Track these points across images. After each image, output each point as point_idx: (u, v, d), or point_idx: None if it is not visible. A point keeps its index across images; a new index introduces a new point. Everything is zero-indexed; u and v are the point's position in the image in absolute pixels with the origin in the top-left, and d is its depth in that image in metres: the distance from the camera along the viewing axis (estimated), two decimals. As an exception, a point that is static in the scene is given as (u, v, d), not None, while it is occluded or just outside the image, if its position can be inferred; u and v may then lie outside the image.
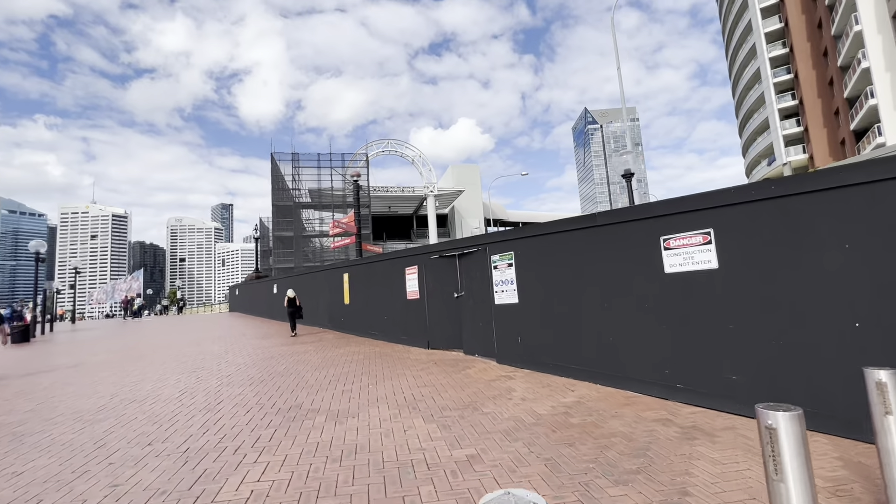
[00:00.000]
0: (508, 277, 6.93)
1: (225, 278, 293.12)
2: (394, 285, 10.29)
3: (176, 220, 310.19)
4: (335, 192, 27.47)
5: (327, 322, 14.41)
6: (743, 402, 4.09)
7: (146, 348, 11.24)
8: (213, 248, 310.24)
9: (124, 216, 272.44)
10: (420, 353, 8.48)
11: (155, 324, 23.10)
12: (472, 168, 38.83)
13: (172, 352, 10.17)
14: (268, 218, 42.48)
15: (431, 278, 9.02)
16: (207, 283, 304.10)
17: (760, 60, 41.98)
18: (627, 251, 5.14)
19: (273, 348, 9.95)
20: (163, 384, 6.34)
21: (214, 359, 8.68)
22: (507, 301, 6.96)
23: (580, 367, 5.68)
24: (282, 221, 28.92)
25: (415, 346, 9.31)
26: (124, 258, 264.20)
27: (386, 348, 9.33)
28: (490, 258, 7.33)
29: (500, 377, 5.99)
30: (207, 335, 14.08)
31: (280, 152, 27.84)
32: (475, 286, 7.80)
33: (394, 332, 10.29)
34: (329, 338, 11.74)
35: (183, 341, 12.49)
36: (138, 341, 13.37)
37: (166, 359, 9.03)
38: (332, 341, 10.88)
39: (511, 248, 6.90)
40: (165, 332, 16.49)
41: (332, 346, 9.86)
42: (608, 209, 5.87)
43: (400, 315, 10.07)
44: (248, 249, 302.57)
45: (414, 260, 9.59)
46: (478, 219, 36.26)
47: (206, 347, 10.62)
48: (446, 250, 8.64)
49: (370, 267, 11.58)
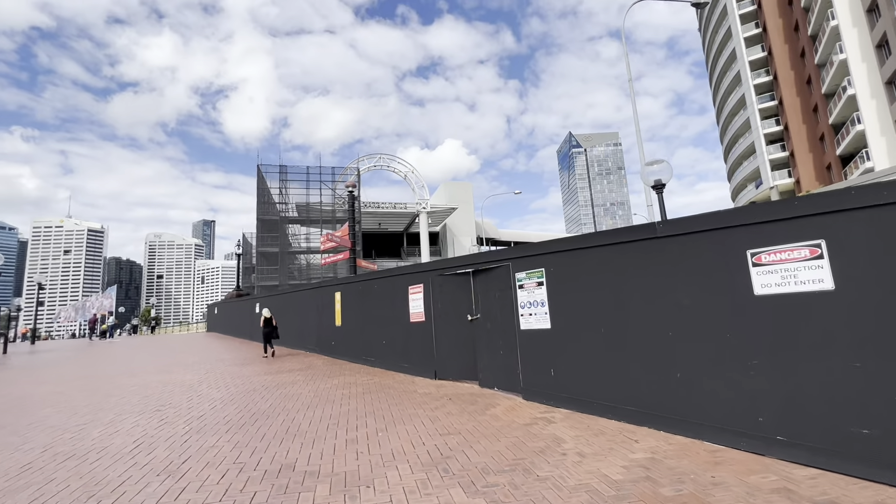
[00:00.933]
0: (538, 298, 5.95)
1: (204, 296, 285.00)
2: (394, 306, 9.20)
3: (155, 235, 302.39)
4: (324, 207, 26.32)
5: (315, 346, 13.13)
6: (883, 466, 3.13)
7: (105, 377, 9.81)
8: (192, 266, 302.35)
9: (101, 231, 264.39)
10: (427, 385, 7.35)
11: (123, 346, 21.29)
12: (464, 186, 38.23)
13: (136, 382, 8.80)
14: (251, 234, 40.91)
15: (440, 298, 7.98)
16: (185, 301, 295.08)
17: (745, 87, 43.01)
18: (701, 267, 4.23)
19: (255, 378, 8.69)
20: (115, 429, 5.08)
21: (185, 392, 7.38)
22: (536, 326, 5.95)
23: (637, 409, 4.67)
24: (267, 237, 27.51)
25: (420, 377, 8.18)
26: (98, 274, 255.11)
27: (386, 378, 8.17)
28: (514, 276, 6.35)
29: (537, 420, 4.93)
30: (180, 360, 12.63)
31: (267, 164, 26.77)
32: (494, 308, 6.79)
33: (394, 358, 9.15)
34: (318, 364, 10.49)
35: (151, 368, 11.06)
36: (99, 367, 11.85)
37: (127, 392, 7.69)
38: (322, 369, 9.66)
39: (541, 263, 5.94)
40: (132, 356, 14.91)
41: (324, 376, 8.65)
42: (670, 218, 5.00)
43: (401, 340, 8.94)
44: (229, 267, 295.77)
45: (419, 277, 8.55)
46: (470, 237, 35.41)
47: (176, 376, 9.27)
48: (458, 266, 7.63)
49: (366, 285, 10.47)
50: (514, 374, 6.28)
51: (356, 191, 29.33)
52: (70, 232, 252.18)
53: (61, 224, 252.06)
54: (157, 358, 13.70)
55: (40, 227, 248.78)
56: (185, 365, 11.32)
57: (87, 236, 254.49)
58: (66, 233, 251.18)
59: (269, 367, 10.35)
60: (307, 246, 28.04)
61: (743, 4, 43.26)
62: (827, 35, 31.22)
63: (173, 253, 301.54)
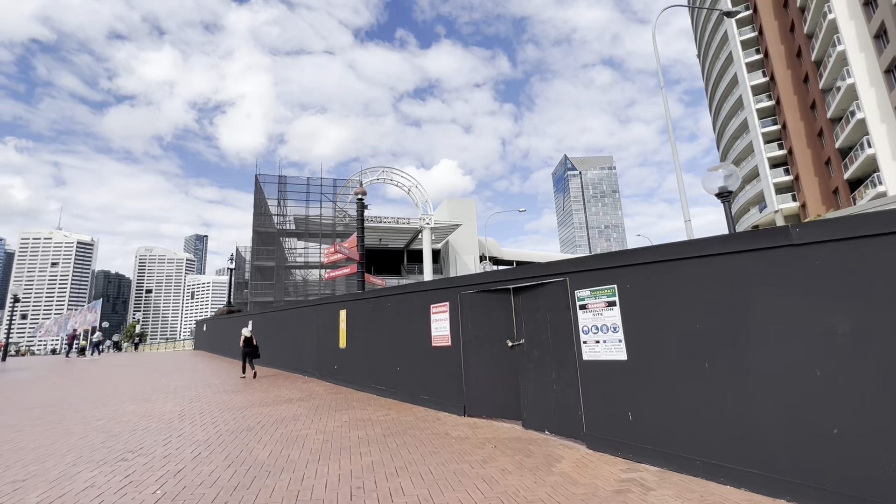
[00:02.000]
0: (608, 322, 4.82)
1: (194, 312, 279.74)
2: (412, 327, 8.00)
3: (146, 249, 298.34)
4: (324, 221, 25.08)
5: (315, 369, 11.79)
6: None
7: (71, 405, 8.42)
8: (182, 280, 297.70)
9: (90, 244, 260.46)
10: (458, 424, 6.11)
11: (101, 365, 19.67)
12: (467, 202, 37.27)
13: (106, 413, 7.44)
14: (245, 248, 39.57)
15: (471, 319, 6.81)
16: (174, 316, 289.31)
17: (748, 112, 43.13)
18: (868, 282, 3.13)
19: (249, 410, 7.37)
20: (62, 490, 3.79)
21: (162, 430, 6.06)
22: (605, 356, 4.80)
23: (767, 474, 3.49)
24: (262, 250, 26.19)
25: (444, 412, 6.93)
26: (86, 288, 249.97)
27: (404, 412, 6.90)
28: (573, 294, 5.22)
29: (625, 484, 3.73)
30: (161, 384, 11.22)
31: (265, 174, 25.62)
32: (544, 333, 5.63)
33: (410, 388, 7.88)
34: (320, 392, 9.18)
35: (127, 393, 9.66)
36: (67, 392, 10.41)
37: (92, 427, 6.35)
38: (325, 398, 8.35)
39: (613, 279, 4.83)
40: (109, 378, 13.43)
41: (330, 408, 7.36)
42: (817, 219, 3.95)
43: (421, 367, 7.71)
44: (220, 283, 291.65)
45: (444, 294, 7.39)
46: (473, 255, 34.24)
47: (155, 406, 7.91)
48: (496, 282, 6.49)
49: (378, 303, 9.26)
50: (574, 416, 5.09)
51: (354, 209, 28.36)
52: (59, 244, 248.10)
53: (50, 236, 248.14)
54: (137, 380, 12.24)
55: (28, 239, 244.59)
56: (166, 390, 9.93)
57: (76, 249, 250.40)
58: (54, 245, 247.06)
59: (264, 395, 9.01)
60: (305, 260, 26.72)
61: (744, 31, 43.79)
62: (833, 60, 31.26)
63: (164, 267, 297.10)
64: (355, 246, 10.96)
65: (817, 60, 34.71)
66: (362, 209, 10.93)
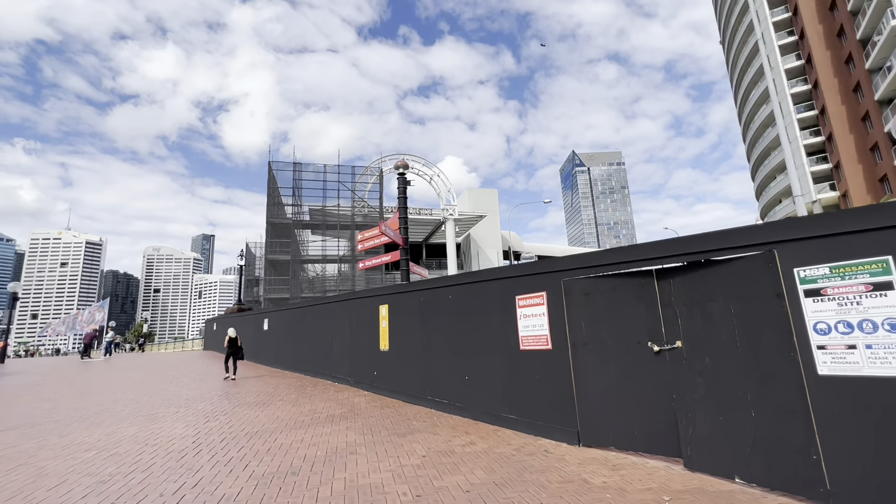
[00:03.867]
0: (872, 316, 3.03)
1: (202, 312, 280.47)
2: (487, 325, 6.25)
3: (153, 248, 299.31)
4: (342, 211, 23.29)
5: (348, 375, 10.09)
6: None
7: (58, 424, 6.75)
8: (190, 280, 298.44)
9: (99, 244, 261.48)
10: (581, 459, 4.35)
11: (106, 368, 18.13)
12: (489, 193, 35.26)
13: (98, 438, 5.75)
14: (255, 243, 38.03)
15: (584, 315, 5.03)
16: (182, 316, 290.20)
17: (781, 97, 40.86)
18: None
19: (284, 436, 5.65)
20: None
21: (171, 473, 4.35)
22: (870, 371, 3.01)
23: None
24: (276, 243, 24.51)
25: (546, 438, 5.17)
26: (95, 288, 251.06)
27: (492, 439, 5.15)
28: (790, 273, 3.43)
29: None
30: (170, 393, 9.57)
31: (278, 161, 23.85)
32: (725, 332, 3.85)
33: (486, 403, 6.12)
34: (363, 405, 7.45)
35: (128, 408, 7.99)
36: (58, 404, 8.77)
37: (75, 464, 4.65)
38: (375, 416, 6.63)
39: (879, 246, 3.04)
40: (111, 384, 11.81)
41: (389, 432, 5.62)
42: None
43: (503, 377, 5.94)
44: (227, 282, 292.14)
45: (536, 282, 5.62)
46: (496, 249, 32.33)
47: (161, 429, 6.22)
48: (627, 262, 4.71)
49: (434, 295, 7.51)
50: (800, 461, 3.30)
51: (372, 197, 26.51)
52: (68, 244, 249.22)
53: (59, 236, 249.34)
54: (142, 388, 10.60)
55: (38, 239, 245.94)
56: (176, 402, 8.24)
57: (85, 249, 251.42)
58: (63, 245, 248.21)
59: (296, 409, 7.29)
60: (323, 254, 24.94)
61: (776, 12, 41.52)
62: (885, 37, 29.05)
63: (171, 267, 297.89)
64: (398, 228, 9.23)
65: (863, 39, 32.44)
66: (405, 186, 9.19)
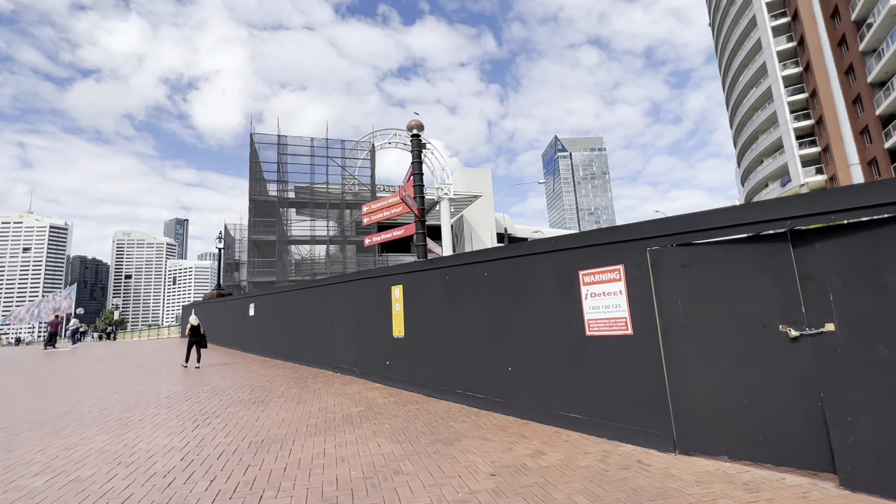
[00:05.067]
0: None
1: (177, 298, 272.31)
2: (537, 307, 5.22)
3: (123, 233, 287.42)
4: (332, 189, 21.68)
5: (353, 365, 8.98)
6: None
7: (5, 434, 5.46)
8: (163, 265, 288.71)
9: (64, 228, 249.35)
10: (692, 473, 3.40)
11: (73, 359, 16.50)
12: (483, 173, 33.98)
13: (53, 454, 4.50)
14: (234, 225, 36.04)
15: (680, 291, 4.04)
16: (155, 302, 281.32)
17: (772, 80, 40.69)
18: None
19: (299, 445, 4.54)
20: None
21: None
22: None
23: None
24: (260, 222, 22.79)
25: (626, 443, 4.21)
26: (61, 274, 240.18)
27: (559, 445, 4.17)
28: None
29: None
30: (146, 389, 8.28)
31: (262, 134, 21.96)
32: (913, 311, 2.89)
33: (538, 399, 5.13)
34: (380, 401, 6.38)
35: (96, 409, 6.69)
36: (7, 405, 7.40)
37: (8, 501, 3.45)
38: (401, 415, 5.57)
39: None
40: (77, 378, 10.40)
41: (430, 439, 4.57)
42: None
43: (561, 368, 4.93)
44: (203, 267, 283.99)
45: (608, 253, 4.59)
46: (490, 231, 31.28)
47: (138, 438, 5.00)
48: (742, 224, 3.70)
49: (461, 273, 6.42)
50: None
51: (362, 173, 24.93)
52: (30, 228, 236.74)
53: (21, 220, 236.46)
54: (113, 383, 9.25)
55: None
56: (155, 401, 6.99)
57: (49, 233, 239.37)
58: (25, 229, 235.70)
59: (303, 407, 6.16)
60: (312, 234, 23.33)
61: (770, -8, 41.01)
62: (881, 18, 28.78)
63: (143, 252, 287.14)
64: (414, 194, 8.04)
65: (858, 20, 32.19)
66: (420, 150, 7.97)
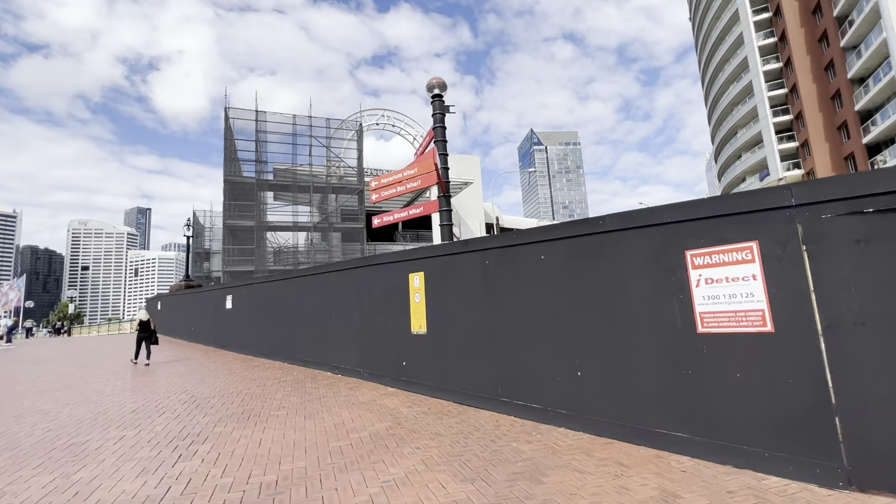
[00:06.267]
0: None
1: (140, 290, 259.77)
2: (621, 297, 4.16)
3: (80, 222, 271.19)
4: (316, 170, 19.87)
5: (357, 364, 7.74)
6: None
7: None
8: (124, 256, 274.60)
9: (12, 216, 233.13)
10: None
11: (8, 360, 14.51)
12: (471, 160, 32.63)
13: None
14: (203, 211, 33.62)
15: (849, 276, 3.03)
16: (116, 295, 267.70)
17: (753, 75, 41.15)
18: None
19: (331, 488, 3.32)
20: None
21: None
22: None
23: None
24: (235, 206, 20.78)
25: (768, 473, 3.20)
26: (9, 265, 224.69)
27: (676, 477, 3.13)
28: None
29: None
30: (106, 402, 6.81)
31: (238, 108, 19.86)
32: None
33: (619, 410, 4.08)
34: (405, 412, 5.21)
35: (35, 434, 5.21)
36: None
37: None
38: (440, 431, 4.43)
39: None
40: (17, 384, 8.74)
41: (506, 472, 3.46)
42: None
43: (660, 373, 3.89)
44: (167, 258, 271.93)
45: (733, 227, 3.55)
46: (479, 221, 30.15)
47: (94, 480, 3.65)
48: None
49: (507, 256, 5.29)
50: None
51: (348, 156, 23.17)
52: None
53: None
54: (64, 393, 7.68)
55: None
56: (119, 419, 5.56)
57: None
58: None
59: (314, 424, 4.92)
60: (294, 220, 21.46)
61: (753, -13, 41.32)
62: (864, 14, 29.17)
63: (101, 242, 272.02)
64: (436, 165, 6.79)
65: (840, 16, 32.67)
66: (443, 113, 6.73)
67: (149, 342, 10.86)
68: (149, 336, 10.88)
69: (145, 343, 10.82)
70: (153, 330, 11.10)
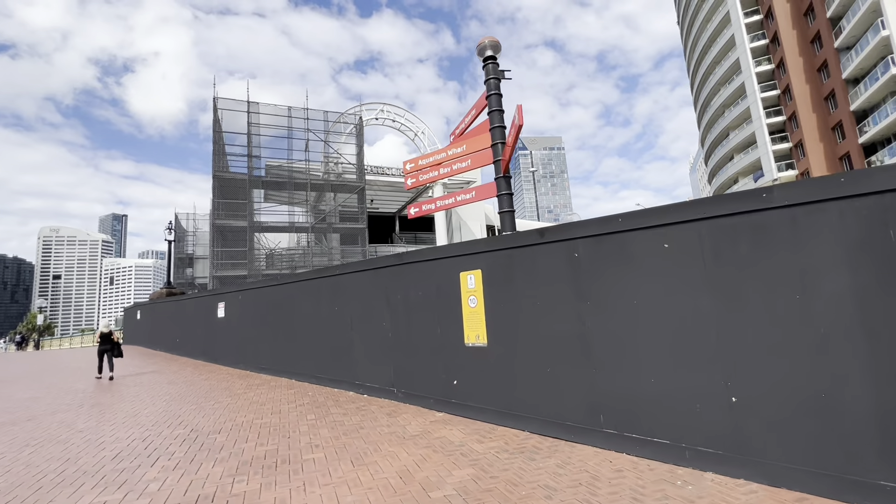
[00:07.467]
0: None
1: (115, 300, 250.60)
2: (802, 298, 3.02)
3: (51, 229, 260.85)
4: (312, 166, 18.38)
5: (390, 384, 6.46)
6: None
7: None
8: (99, 265, 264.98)
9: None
10: None
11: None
12: (471, 160, 31.75)
13: None
14: (186, 214, 31.72)
15: None
16: (90, 305, 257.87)
17: (746, 76, 41.29)
18: None
19: None
20: None
21: None
22: None
23: None
24: (224, 204, 19.09)
25: None
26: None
27: None
28: None
29: None
30: (79, 441, 5.42)
31: (227, 98, 18.26)
32: None
33: (803, 454, 2.93)
34: (479, 450, 3.99)
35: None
36: None
37: None
38: (550, 485, 3.22)
39: None
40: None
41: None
42: None
43: (880, 402, 2.75)
44: (144, 266, 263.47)
45: None
46: (479, 222, 29.07)
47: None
48: None
49: (601, 247, 4.14)
50: None
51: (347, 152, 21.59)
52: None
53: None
54: (23, 426, 6.19)
55: None
56: (97, 473, 4.18)
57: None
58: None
59: (370, 475, 3.66)
60: (290, 221, 19.81)
61: (744, -10, 41.59)
62: (860, 14, 29.28)
63: (74, 250, 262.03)
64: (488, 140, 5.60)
65: (834, 17, 32.85)
66: (498, 80, 5.58)
67: (111, 355, 10.60)
68: (111, 349, 10.66)
69: (107, 356, 10.55)
70: (116, 342, 10.92)
